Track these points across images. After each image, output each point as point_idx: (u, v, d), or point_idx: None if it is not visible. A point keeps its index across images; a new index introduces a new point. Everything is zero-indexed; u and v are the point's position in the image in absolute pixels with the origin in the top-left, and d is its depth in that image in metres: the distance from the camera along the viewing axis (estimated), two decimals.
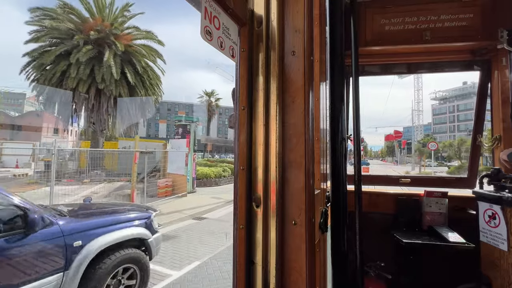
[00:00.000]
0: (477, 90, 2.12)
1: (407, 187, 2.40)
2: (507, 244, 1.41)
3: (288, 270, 0.79)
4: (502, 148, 1.88)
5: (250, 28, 0.85)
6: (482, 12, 1.78)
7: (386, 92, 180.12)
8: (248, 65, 0.84)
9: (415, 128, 60.65)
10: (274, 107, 0.82)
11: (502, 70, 1.87)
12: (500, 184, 1.57)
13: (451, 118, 75.64)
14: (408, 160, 56.96)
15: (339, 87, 0.99)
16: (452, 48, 1.95)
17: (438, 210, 1.90)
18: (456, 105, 73.51)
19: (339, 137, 0.98)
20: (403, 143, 58.21)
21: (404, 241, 1.71)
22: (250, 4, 0.87)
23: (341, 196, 0.98)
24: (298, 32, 0.83)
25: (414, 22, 1.86)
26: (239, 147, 0.82)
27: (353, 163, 1.24)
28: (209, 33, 0.76)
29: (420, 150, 50.69)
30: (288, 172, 0.81)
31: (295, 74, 0.82)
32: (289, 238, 0.79)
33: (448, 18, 1.82)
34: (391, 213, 2.04)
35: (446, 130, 77.10)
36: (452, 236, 1.68)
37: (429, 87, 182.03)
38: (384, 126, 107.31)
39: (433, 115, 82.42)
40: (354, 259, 1.17)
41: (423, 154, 45.72)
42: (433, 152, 33.14)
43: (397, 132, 47.18)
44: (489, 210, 1.53)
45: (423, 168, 38.63)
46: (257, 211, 0.81)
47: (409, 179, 2.26)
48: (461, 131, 70.12)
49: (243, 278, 0.79)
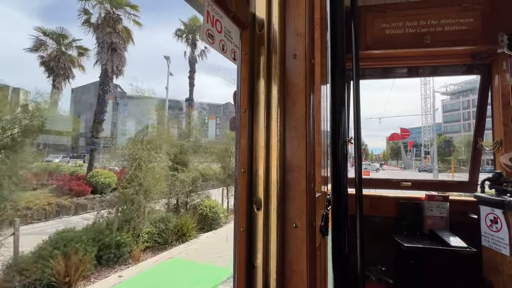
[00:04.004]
0: (477, 94, 2.12)
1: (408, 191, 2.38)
2: (510, 249, 1.40)
3: (289, 273, 0.78)
4: (503, 152, 1.87)
5: (252, 31, 0.86)
6: (482, 17, 1.79)
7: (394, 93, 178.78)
8: (250, 68, 0.84)
9: (423, 129, 51.38)
10: (275, 109, 0.82)
11: (502, 74, 1.87)
12: (502, 188, 1.57)
13: (466, 115, 62.81)
14: (415, 164, 50.41)
15: (340, 90, 1.00)
16: (453, 52, 1.96)
17: (439, 214, 1.89)
18: (471, 100, 58.69)
19: (340, 140, 0.98)
20: (410, 144, 51.52)
21: (405, 245, 1.70)
22: (252, 8, 0.88)
23: (342, 199, 0.98)
24: (299, 36, 0.83)
25: (414, 26, 1.87)
26: (240, 150, 0.82)
27: (354, 166, 1.24)
28: (211, 36, 0.77)
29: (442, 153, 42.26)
30: (289, 175, 0.81)
31: (296, 77, 0.83)
32: (290, 241, 0.79)
33: (448, 22, 1.83)
34: (392, 217, 2.03)
35: (459, 129, 64.28)
36: (453, 241, 1.67)
37: (438, 80, 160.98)
38: (390, 116, 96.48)
39: (444, 112, 69.22)
40: (355, 263, 1.16)
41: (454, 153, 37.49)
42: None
43: (404, 131, 37.49)
44: (490, 215, 1.52)
45: (450, 173, 27.89)
46: (258, 213, 0.81)
47: (410, 182, 2.25)
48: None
49: (243, 281, 0.79)
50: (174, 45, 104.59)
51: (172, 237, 6.50)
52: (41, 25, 27.99)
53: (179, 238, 6.67)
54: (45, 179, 10.90)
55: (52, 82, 15.60)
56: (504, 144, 1.88)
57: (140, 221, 6.24)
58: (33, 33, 15.20)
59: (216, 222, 7.89)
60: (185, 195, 8.30)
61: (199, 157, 10.02)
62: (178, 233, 6.64)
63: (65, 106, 34.90)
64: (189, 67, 22.63)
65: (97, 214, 6.38)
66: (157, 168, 6.82)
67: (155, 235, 6.39)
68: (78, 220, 8.79)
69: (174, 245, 6.45)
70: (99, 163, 13.07)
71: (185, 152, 8.74)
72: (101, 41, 14.56)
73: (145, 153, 6.69)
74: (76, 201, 10.09)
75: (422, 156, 52.96)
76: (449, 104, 70.72)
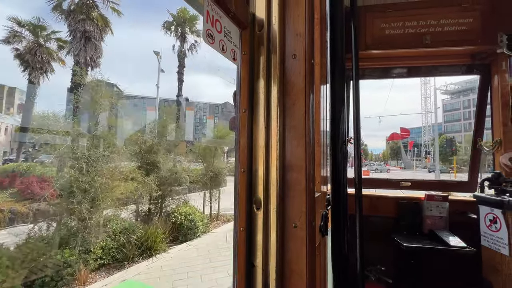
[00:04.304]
0: (477, 94, 2.13)
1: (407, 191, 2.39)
2: (509, 249, 1.41)
3: (289, 273, 0.79)
4: (502, 152, 1.88)
5: (252, 31, 0.86)
6: (482, 17, 1.79)
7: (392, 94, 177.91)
8: (249, 68, 0.85)
9: (423, 129, 52.00)
10: (275, 109, 0.82)
11: (501, 74, 1.87)
12: (501, 188, 1.57)
13: (466, 114, 62.40)
14: (416, 164, 50.36)
15: (340, 90, 1.00)
16: (452, 52, 1.96)
17: (439, 214, 1.89)
18: (472, 99, 57.72)
19: (339, 140, 0.98)
20: (410, 144, 51.49)
21: (405, 245, 1.71)
22: (252, 8, 0.88)
23: (341, 199, 0.98)
24: (299, 36, 0.83)
25: (414, 26, 1.87)
26: (239, 150, 0.83)
27: (354, 166, 1.24)
28: (211, 36, 0.77)
29: (445, 152, 42.26)
30: (289, 175, 0.81)
31: (296, 77, 0.83)
32: (290, 240, 0.79)
33: (448, 22, 1.83)
34: (392, 217, 2.03)
35: (460, 129, 64.19)
36: (453, 240, 1.68)
37: (439, 79, 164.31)
38: (390, 114, 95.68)
39: (444, 111, 68.75)
40: (355, 263, 1.16)
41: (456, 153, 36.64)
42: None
43: (404, 130, 37.47)
44: (490, 214, 1.52)
45: (452, 173, 27.64)
46: (257, 213, 0.81)
47: (410, 182, 2.25)
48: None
49: (243, 281, 0.79)
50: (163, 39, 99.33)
51: (134, 252, 5.37)
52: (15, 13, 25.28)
53: (144, 252, 5.55)
54: None
55: (28, 76, 14.96)
56: (503, 144, 1.89)
57: (91, 234, 4.96)
58: (7, 24, 14.48)
59: (192, 232, 6.63)
60: (154, 200, 7.02)
61: (181, 156, 8.79)
62: (142, 247, 5.55)
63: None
64: (177, 62, 21.30)
65: (33, 228, 5.02)
66: (113, 170, 5.60)
67: (112, 249, 5.23)
68: (5, 236, 6.52)
69: (136, 262, 5.33)
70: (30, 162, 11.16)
71: (157, 151, 7.27)
72: (73, 29, 13.58)
73: (93, 151, 5.38)
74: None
75: (423, 156, 52.63)
76: (449, 104, 70.42)
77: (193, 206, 7.61)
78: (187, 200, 7.75)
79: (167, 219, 6.66)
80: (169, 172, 7.35)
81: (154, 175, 6.88)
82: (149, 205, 7.01)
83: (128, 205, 6.55)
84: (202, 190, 8.79)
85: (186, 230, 6.57)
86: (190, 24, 21.02)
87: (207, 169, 8.51)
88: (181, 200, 7.58)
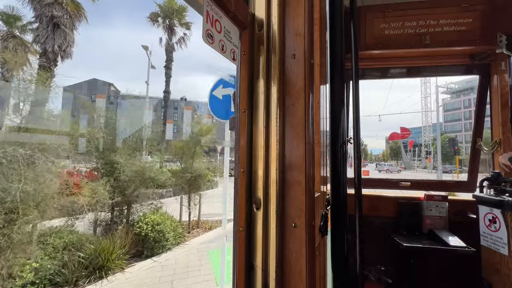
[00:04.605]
0: (476, 94, 2.13)
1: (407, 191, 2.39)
2: (508, 249, 1.41)
3: (288, 273, 0.79)
4: (501, 152, 1.88)
5: (251, 31, 0.86)
6: (481, 17, 1.80)
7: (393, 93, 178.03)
8: (249, 68, 0.85)
9: (423, 128, 51.50)
10: (274, 110, 0.82)
11: (501, 74, 1.88)
12: (500, 188, 1.57)
13: (467, 114, 62.46)
14: (416, 164, 50.09)
15: (339, 90, 1.00)
16: (451, 52, 1.97)
17: (438, 214, 1.90)
18: (472, 99, 55.85)
19: (339, 140, 0.98)
20: (410, 143, 49.41)
21: (405, 245, 1.71)
22: (251, 8, 0.88)
23: (341, 199, 0.98)
24: (299, 36, 0.83)
25: (413, 27, 1.88)
26: (239, 150, 0.83)
27: (353, 166, 1.24)
28: (211, 36, 0.77)
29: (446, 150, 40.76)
30: (289, 175, 0.81)
31: (296, 77, 0.83)
32: (289, 240, 0.79)
33: (447, 22, 1.83)
34: (391, 217, 2.03)
35: (461, 128, 64.05)
36: (452, 240, 1.68)
37: (439, 78, 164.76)
38: (390, 113, 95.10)
39: (444, 111, 67.73)
40: (354, 263, 1.16)
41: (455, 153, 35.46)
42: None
43: (404, 130, 36.19)
44: (489, 214, 1.53)
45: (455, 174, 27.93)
46: (257, 213, 0.81)
47: (409, 182, 2.25)
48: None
49: (242, 281, 0.79)
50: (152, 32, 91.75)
51: (79, 273, 4.23)
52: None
53: (92, 273, 4.37)
54: None
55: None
56: (502, 144, 1.89)
57: (16, 252, 3.73)
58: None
59: (159, 245, 5.46)
60: (119, 207, 5.85)
61: (152, 156, 7.61)
62: (91, 266, 4.39)
63: None
64: (165, 56, 20.62)
65: None
66: (46, 173, 4.17)
67: (50, 271, 4.04)
68: None
69: (81, 286, 4.18)
70: None
71: (115, 150, 6.09)
72: (38, 14, 12.33)
73: (21, 150, 3.95)
74: None
75: (423, 156, 52.41)
76: (450, 103, 70.01)
77: (166, 213, 6.41)
78: (160, 206, 6.56)
79: (129, 230, 5.45)
80: (135, 173, 6.08)
81: (108, 178, 5.69)
82: (111, 213, 5.84)
83: (86, 213, 5.31)
84: (179, 194, 7.71)
85: (152, 243, 5.41)
86: (178, 16, 20.14)
87: (183, 170, 7.29)
88: (152, 206, 6.44)
